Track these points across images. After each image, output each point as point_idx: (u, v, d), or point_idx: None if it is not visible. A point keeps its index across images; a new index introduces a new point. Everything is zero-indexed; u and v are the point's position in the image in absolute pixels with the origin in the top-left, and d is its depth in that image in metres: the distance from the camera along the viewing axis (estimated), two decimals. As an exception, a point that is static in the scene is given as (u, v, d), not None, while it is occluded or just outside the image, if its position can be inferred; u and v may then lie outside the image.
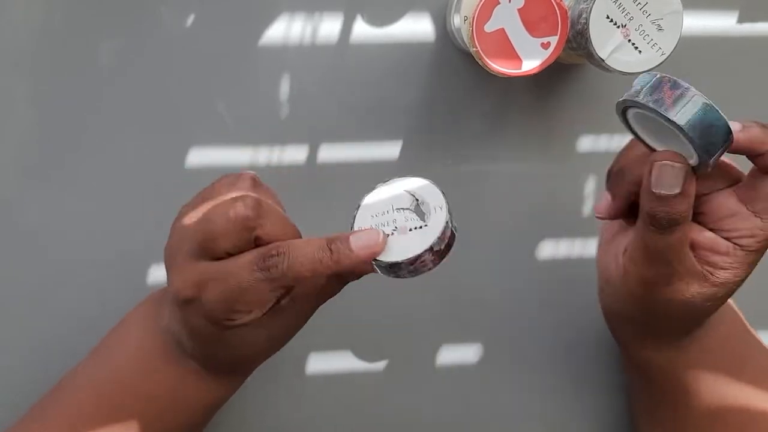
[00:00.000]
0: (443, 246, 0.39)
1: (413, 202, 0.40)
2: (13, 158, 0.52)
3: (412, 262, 0.39)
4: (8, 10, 0.51)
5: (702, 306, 0.43)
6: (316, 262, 0.38)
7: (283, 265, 0.38)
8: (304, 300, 0.41)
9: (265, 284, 0.38)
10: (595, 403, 0.57)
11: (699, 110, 0.38)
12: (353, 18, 0.53)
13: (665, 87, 0.38)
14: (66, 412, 0.45)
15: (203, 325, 0.40)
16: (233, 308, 0.39)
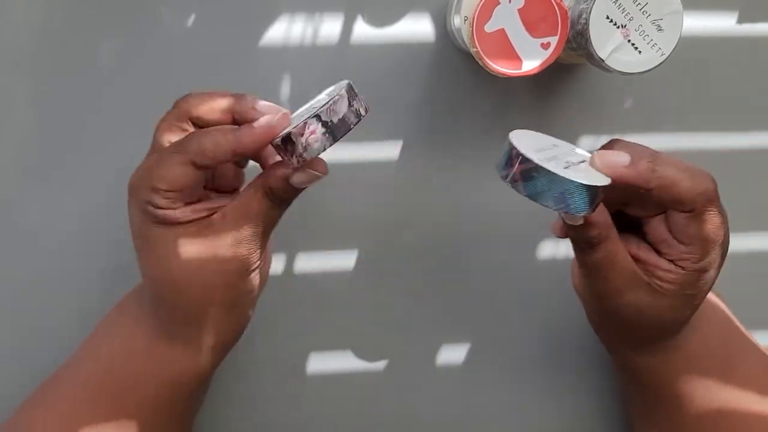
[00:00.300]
0: (335, 120, 0.40)
1: (326, 100, 0.41)
2: (13, 158, 0.52)
3: (301, 132, 0.40)
4: (8, 10, 0.51)
5: (662, 315, 0.43)
6: (220, 136, 0.40)
7: (193, 139, 0.41)
8: (234, 217, 0.42)
9: (177, 156, 0.40)
10: (594, 403, 0.57)
11: (542, 183, 0.38)
12: (353, 18, 0.53)
13: (514, 160, 0.39)
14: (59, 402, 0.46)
15: (136, 218, 0.42)
16: (151, 184, 0.41)
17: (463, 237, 0.55)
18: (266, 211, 0.42)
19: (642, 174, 0.39)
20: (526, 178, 0.38)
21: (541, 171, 0.38)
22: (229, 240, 0.42)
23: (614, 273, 0.42)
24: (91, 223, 0.53)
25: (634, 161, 0.40)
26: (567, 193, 0.38)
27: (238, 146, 0.40)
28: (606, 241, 0.41)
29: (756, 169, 0.56)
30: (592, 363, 0.57)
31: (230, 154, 0.41)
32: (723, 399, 0.46)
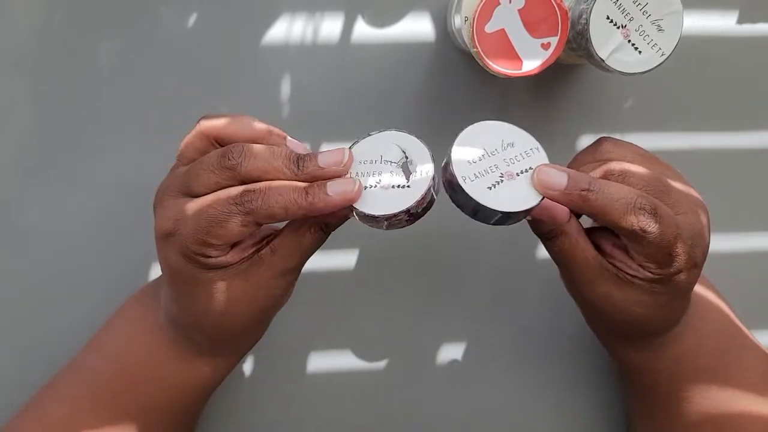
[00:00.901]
0: (420, 210, 0.40)
1: (402, 159, 0.41)
2: (13, 158, 0.52)
3: (389, 218, 0.40)
4: (8, 10, 0.51)
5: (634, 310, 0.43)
6: (291, 201, 0.39)
7: (257, 201, 0.39)
8: (284, 253, 0.41)
9: (238, 217, 0.39)
10: (594, 402, 0.57)
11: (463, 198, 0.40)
12: (354, 18, 0.53)
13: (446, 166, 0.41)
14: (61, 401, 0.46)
15: (180, 265, 0.41)
16: (206, 240, 0.39)
17: (464, 236, 0.55)
18: (317, 243, 0.42)
19: (573, 201, 0.40)
20: (449, 187, 0.40)
21: (459, 189, 0.39)
22: (279, 271, 0.42)
23: (576, 265, 0.42)
24: (92, 223, 0.53)
25: (569, 186, 0.40)
26: (485, 212, 0.39)
27: (310, 212, 0.39)
28: (561, 236, 0.42)
29: (756, 169, 0.56)
30: (592, 362, 0.57)
31: (299, 217, 0.40)
32: (719, 398, 0.46)
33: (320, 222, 0.41)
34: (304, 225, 0.41)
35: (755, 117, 0.56)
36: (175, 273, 0.42)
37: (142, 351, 0.45)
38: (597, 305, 0.43)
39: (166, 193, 0.42)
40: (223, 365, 0.46)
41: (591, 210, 0.40)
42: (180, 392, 0.45)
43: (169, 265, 0.42)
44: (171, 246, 0.41)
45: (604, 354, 0.57)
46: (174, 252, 0.41)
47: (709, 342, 0.47)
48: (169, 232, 0.40)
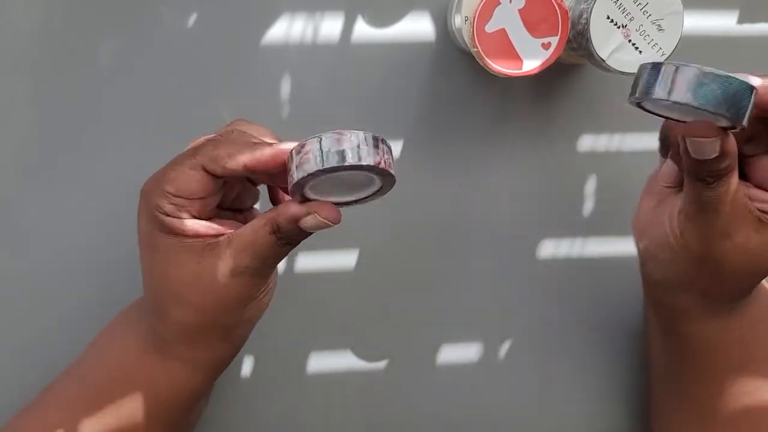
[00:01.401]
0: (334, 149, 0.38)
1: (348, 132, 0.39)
2: (13, 158, 0.52)
3: (298, 149, 0.38)
4: (8, 10, 0.51)
5: (762, 255, 0.42)
6: (235, 148, 0.40)
7: (207, 146, 0.40)
8: (238, 245, 0.40)
9: (189, 160, 0.40)
10: (594, 401, 0.57)
11: (717, 86, 0.37)
12: (354, 18, 0.53)
13: (673, 75, 0.37)
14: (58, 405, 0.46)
15: (144, 224, 0.42)
16: (162, 188, 0.40)
17: (464, 236, 0.55)
18: (270, 248, 0.41)
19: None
20: (698, 86, 0.37)
21: (715, 76, 0.37)
22: (229, 268, 0.41)
23: (731, 208, 0.41)
24: (91, 223, 0.53)
25: (765, 82, 0.39)
26: (740, 95, 0.37)
27: (251, 160, 0.40)
28: (734, 173, 0.40)
29: None
30: (595, 360, 0.57)
31: (242, 166, 0.40)
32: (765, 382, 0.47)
33: (273, 220, 0.40)
34: (261, 220, 0.40)
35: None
36: (140, 235, 0.43)
37: (124, 355, 0.45)
38: (726, 257, 0.42)
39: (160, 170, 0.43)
40: (192, 376, 0.45)
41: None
42: (160, 398, 0.45)
43: (139, 230, 0.43)
44: (142, 202, 0.42)
45: (604, 355, 0.57)
46: (142, 211, 0.42)
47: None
48: (143, 190, 0.42)
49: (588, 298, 0.56)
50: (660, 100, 0.38)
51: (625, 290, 0.51)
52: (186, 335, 0.43)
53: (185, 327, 0.43)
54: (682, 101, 0.37)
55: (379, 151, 0.39)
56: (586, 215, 0.56)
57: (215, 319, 0.42)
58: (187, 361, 0.44)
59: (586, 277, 0.56)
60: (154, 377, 0.44)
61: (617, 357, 0.57)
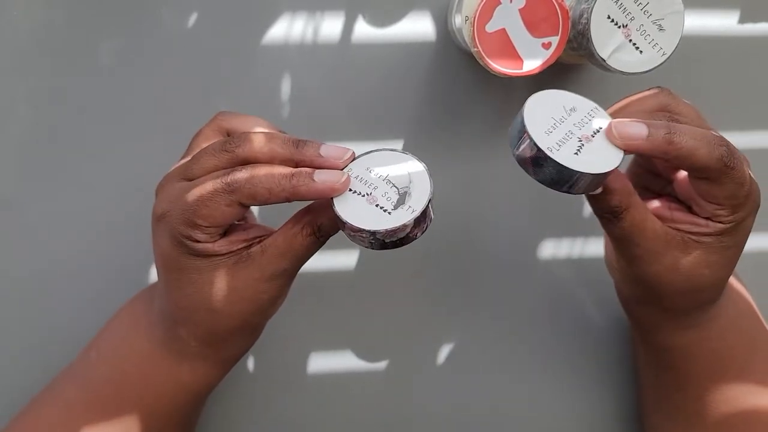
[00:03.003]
0: (387, 241, 0.39)
1: (405, 188, 0.40)
2: (13, 158, 0.52)
3: (353, 230, 0.39)
4: (8, 10, 0.51)
5: (702, 273, 0.42)
6: (275, 182, 0.39)
7: (242, 180, 0.39)
8: (275, 253, 0.41)
9: (222, 197, 0.39)
10: (594, 400, 0.57)
11: (550, 169, 0.38)
12: (354, 18, 0.53)
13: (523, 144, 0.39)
14: (58, 404, 0.46)
15: (169, 248, 0.41)
16: (193, 221, 0.39)
17: (464, 236, 0.55)
18: (310, 247, 0.41)
19: (659, 147, 0.39)
20: (535, 164, 0.39)
21: (550, 161, 0.38)
22: (268, 274, 0.41)
23: (645, 239, 0.41)
24: (92, 223, 0.53)
25: (652, 133, 0.39)
26: (574, 179, 0.38)
27: (292, 196, 0.39)
28: (630, 208, 0.41)
29: (756, 169, 0.56)
30: (592, 362, 0.57)
31: (280, 200, 0.39)
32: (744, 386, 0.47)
33: (313, 222, 0.41)
34: (297, 224, 0.41)
35: (756, 117, 0.56)
36: (165, 258, 0.42)
37: (134, 354, 0.45)
38: (661, 280, 0.43)
39: (167, 179, 0.42)
40: (212, 372, 0.45)
41: (677, 152, 0.39)
42: (171, 397, 0.45)
43: (160, 250, 0.42)
44: (162, 228, 0.41)
45: (605, 355, 0.57)
46: (164, 234, 0.41)
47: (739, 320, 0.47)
48: (161, 215, 0.41)
49: (588, 299, 0.56)
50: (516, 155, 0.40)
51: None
52: (216, 339, 0.43)
53: (216, 332, 0.43)
54: (522, 167, 0.39)
55: (426, 219, 0.40)
56: (586, 215, 0.56)
57: (247, 320, 0.43)
58: (210, 359, 0.44)
59: (586, 277, 0.56)
60: (174, 378, 0.44)
61: (617, 357, 0.57)
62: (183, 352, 0.44)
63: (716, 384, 0.47)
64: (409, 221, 0.39)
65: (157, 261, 0.43)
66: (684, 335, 0.47)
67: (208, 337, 0.43)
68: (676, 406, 0.49)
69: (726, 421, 0.47)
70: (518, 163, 0.40)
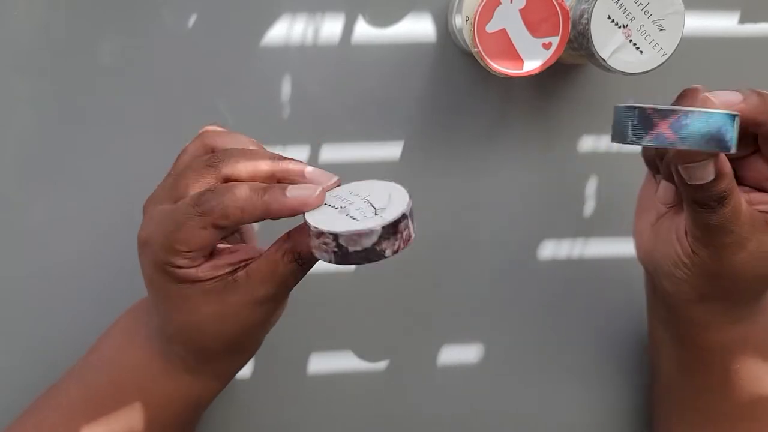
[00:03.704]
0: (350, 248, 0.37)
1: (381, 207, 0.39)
2: (14, 158, 0.52)
3: (316, 234, 0.37)
4: (9, 10, 0.51)
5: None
6: (246, 200, 0.38)
7: (214, 200, 0.38)
8: (258, 279, 0.40)
9: (198, 220, 0.38)
10: (595, 402, 0.57)
11: (700, 125, 0.37)
12: (355, 18, 0.53)
13: (652, 119, 0.38)
14: (59, 409, 0.45)
15: (154, 275, 0.41)
16: (172, 246, 0.39)
17: (464, 236, 0.55)
18: (292, 274, 0.41)
19: (758, 105, 0.39)
20: (677, 127, 0.37)
21: (692, 114, 0.37)
22: (253, 301, 0.41)
23: (739, 224, 0.40)
24: (92, 224, 0.53)
25: (747, 96, 0.39)
26: (723, 128, 0.37)
27: (266, 214, 0.39)
28: (734, 191, 0.40)
29: None
30: (592, 362, 0.57)
31: (255, 218, 0.39)
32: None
33: (293, 249, 0.40)
34: (279, 251, 0.40)
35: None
36: (152, 284, 0.41)
37: (132, 363, 0.45)
38: (745, 267, 0.41)
39: (151, 201, 0.42)
40: (209, 385, 0.45)
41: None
42: (168, 407, 0.45)
43: (147, 276, 0.42)
44: (146, 256, 0.41)
45: (605, 356, 0.57)
46: (148, 261, 0.41)
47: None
48: (144, 241, 0.41)
49: (588, 299, 0.56)
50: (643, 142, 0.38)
51: (626, 290, 0.51)
52: (209, 356, 0.43)
53: (208, 351, 0.43)
54: (666, 145, 0.37)
55: (398, 235, 0.38)
56: (586, 215, 0.56)
57: (238, 342, 0.43)
58: (206, 373, 0.45)
59: (587, 277, 0.56)
60: (172, 389, 0.44)
61: (617, 357, 0.57)
62: (180, 365, 0.44)
63: (753, 383, 0.46)
64: (376, 226, 0.37)
65: (145, 283, 0.43)
66: (733, 330, 0.46)
67: (201, 355, 0.43)
68: (700, 408, 0.49)
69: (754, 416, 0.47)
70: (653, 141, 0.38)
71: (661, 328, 0.50)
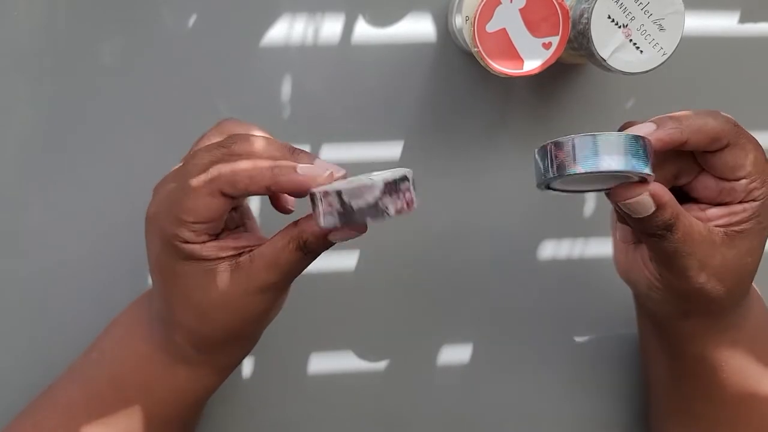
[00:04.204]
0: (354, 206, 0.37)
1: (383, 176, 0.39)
2: (14, 158, 0.52)
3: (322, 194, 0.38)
4: (9, 11, 0.51)
5: (746, 264, 0.42)
6: (256, 170, 0.39)
7: (224, 167, 0.39)
8: (261, 265, 0.40)
9: (207, 186, 0.38)
10: (594, 402, 0.57)
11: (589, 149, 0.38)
12: (355, 18, 0.53)
13: (554, 152, 0.38)
14: (57, 408, 0.45)
15: (160, 252, 0.41)
16: (178, 216, 0.39)
17: (464, 236, 0.55)
18: (296, 263, 0.41)
19: (671, 133, 0.40)
20: (571, 155, 0.38)
21: (592, 138, 0.37)
22: (257, 286, 0.41)
23: (695, 245, 0.41)
24: (93, 223, 0.53)
25: (661, 125, 0.40)
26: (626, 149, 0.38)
27: (274, 185, 0.39)
28: (680, 216, 0.40)
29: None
30: (593, 362, 0.57)
31: (263, 189, 0.39)
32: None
33: (299, 237, 0.40)
34: (284, 238, 0.40)
35: (756, 117, 0.56)
36: (156, 261, 0.42)
37: (133, 359, 0.45)
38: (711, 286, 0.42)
39: (162, 182, 0.42)
40: (209, 378, 0.46)
41: (690, 128, 0.40)
42: (169, 401, 0.45)
43: (153, 255, 0.42)
44: (152, 229, 0.41)
45: (605, 356, 0.57)
46: (154, 235, 0.41)
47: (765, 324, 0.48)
48: (151, 216, 0.41)
49: (588, 299, 0.56)
50: (562, 178, 0.39)
51: (626, 290, 0.51)
52: (208, 346, 0.44)
53: (208, 339, 0.43)
54: (571, 173, 0.38)
55: (400, 194, 0.38)
56: (587, 215, 0.56)
57: (238, 330, 0.43)
58: (206, 365, 0.45)
59: (587, 277, 0.56)
60: (172, 382, 0.45)
61: (617, 357, 0.57)
62: (180, 357, 0.44)
63: (743, 388, 0.47)
64: (378, 181, 0.37)
65: (150, 264, 0.43)
66: (718, 339, 0.46)
67: (201, 344, 0.43)
68: (694, 415, 0.49)
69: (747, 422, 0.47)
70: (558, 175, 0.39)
71: (649, 337, 0.51)
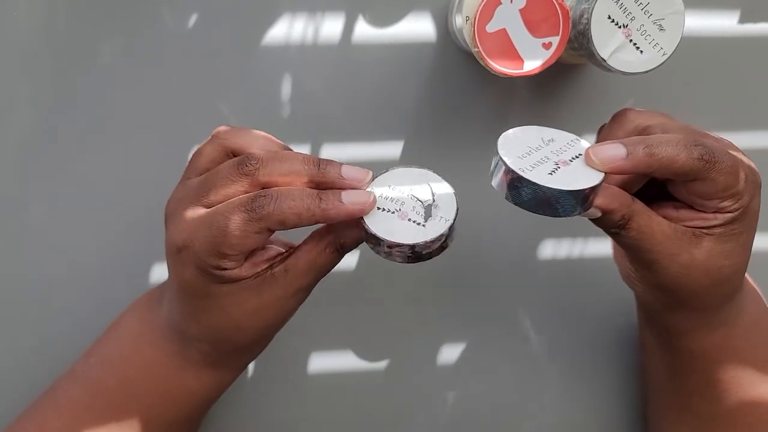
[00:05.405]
0: (425, 252, 0.40)
1: (429, 201, 0.41)
2: (14, 158, 0.52)
3: (391, 246, 0.40)
4: (9, 11, 0.51)
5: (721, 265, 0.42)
6: (304, 207, 0.39)
7: (269, 206, 0.39)
8: (297, 272, 0.41)
9: (250, 225, 0.39)
10: (594, 402, 0.57)
11: (529, 192, 0.39)
12: (355, 18, 0.53)
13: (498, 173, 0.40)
14: (60, 410, 0.45)
15: (193, 278, 0.40)
16: (220, 251, 0.39)
17: (464, 236, 0.55)
18: (330, 263, 0.42)
19: (640, 163, 0.39)
20: (511, 188, 0.39)
21: (524, 181, 0.38)
22: (291, 292, 0.41)
23: (655, 242, 0.41)
24: (93, 223, 0.53)
25: (630, 151, 0.39)
26: (553, 199, 0.38)
27: (323, 219, 0.39)
28: (633, 216, 0.41)
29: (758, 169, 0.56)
30: (593, 363, 0.57)
31: (311, 224, 0.39)
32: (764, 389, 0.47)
33: (336, 242, 0.41)
34: (320, 244, 0.41)
35: (756, 117, 0.56)
36: (189, 287, 0.41)
37: (144, 363, 0.45)
38: (681, 280, 0.42)
39: (179, 204, 0.41)
40: (227, 376, 0.46)
41: (659, 163, 0.39)
42: (184, 404, 0.45)
43: (183, 280, 0.41)
44: (185, 260, 0.40)
45: (605, 356, 0.57)
46: (188, 266, 0.40)
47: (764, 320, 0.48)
48: (182, 245, 0.40)
49: (588, 299, 0.56)
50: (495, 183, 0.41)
51: (625, 290, 0.51)
52: (238, 351, 0.44)
53: (240, 346, 0.44)
54: (505, 197, 0.40)
55: (454, 228, 0.41)
56: (587, 215, 0.56)
57: (270, 333, 0.44)
58: (226, 366, 0.45)
59: (586, 277, 0.56)
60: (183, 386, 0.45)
61: (617, 357, 0.57)
62: (201, 361, 0.44)
63: (738, 386, 0.47)
64: (446, 230, 0.40)
65: (178, 289, 0.42)
66: (713, 335, 0.46)
67: (233, 348, 0.44)
68: (691, 410, 0.49)
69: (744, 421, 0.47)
70: (498, 191, 0.40)
71: (646, 333, 0.51)
